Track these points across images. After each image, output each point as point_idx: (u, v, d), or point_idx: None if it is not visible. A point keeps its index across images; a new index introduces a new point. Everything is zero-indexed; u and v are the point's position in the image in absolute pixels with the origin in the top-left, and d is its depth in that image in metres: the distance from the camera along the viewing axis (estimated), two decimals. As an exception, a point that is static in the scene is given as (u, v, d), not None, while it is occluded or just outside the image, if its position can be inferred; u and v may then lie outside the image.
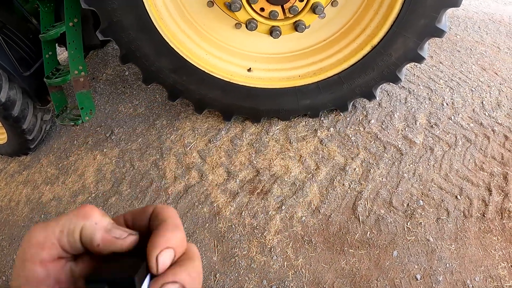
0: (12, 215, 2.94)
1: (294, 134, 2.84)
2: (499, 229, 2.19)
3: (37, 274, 0.42)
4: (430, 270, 2.08)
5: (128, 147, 3.07)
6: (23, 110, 2.96)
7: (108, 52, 4.22)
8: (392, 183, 2.43)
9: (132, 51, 2.42)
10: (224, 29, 2.51)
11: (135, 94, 3.56)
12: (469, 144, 2.60)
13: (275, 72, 2.59)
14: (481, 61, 3.23)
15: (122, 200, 2.71)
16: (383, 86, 2.94)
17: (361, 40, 2.43)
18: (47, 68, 2.87)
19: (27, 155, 3.39)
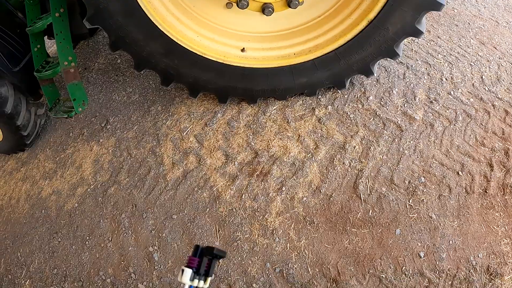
0: (13, 213, 2.93)
1: (292, 113, 2.79)
2: (501, 205, 2.16)
3: None
4: (433, 247, 2.07)
5: (124, 136, 3.03)
6: (16, 106, 2.91)
7: (98, 41, 4.15)
8: (393, 161, 2.40)
9: (121, 38, 2.37)
10: (215, 10, 2.44)
11: (128, 82, 3.51)
12: (469, 119, 2.56)
13: (270, 51, 2.53)
14: (479, 35, 3.16)
15: (121, 189, 2.69)
16: (381, 61, 2.89)
17: (357, 15, 2.36)
18: (37, 61, 2.82)
19: (23, 151, 3.36)
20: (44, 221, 2.76)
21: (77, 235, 2.59)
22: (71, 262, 2.47)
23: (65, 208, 2.77)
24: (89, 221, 2.62)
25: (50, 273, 2.48)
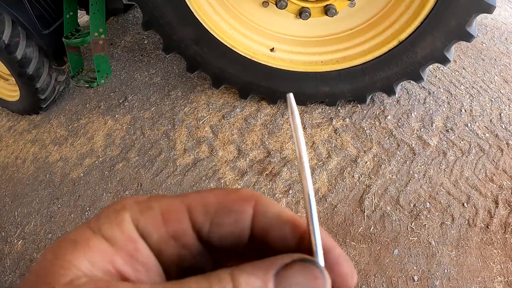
0: (17, 172, 2.95)
1: (309, 120, 2.81)
2: (500, 243, 2.17)
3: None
4: (428, 273, 2.07)
5: (141, 115, 3.05)
6: (38, 69, 2.94)
7: (128, 19, 4.19)
8: (402, 182, 2.41)
9: (155, 18, 2.39)
10: (251, 6, 2.47)
11: (152, 63, 3.54)
12: (482, 153, 2.56)
13: (298, 55, 2.56)
14: (504, 73, 3.18)
15: (129, 167, 2.71)
16: (404, 83, 2.91)
17: (388, 34, 2.39)
18: (67, 28, 2.85)
19: (38, 114, 3.38)
20: (47, 185, 2.79)
21: (78, 204, 2.61)
22: (67, 230, 2.49)
23: (70, 176, 2.79)
24: (92, 193, 2.64)
25: (44, 237, 2.49)
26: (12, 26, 2.73)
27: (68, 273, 0.26)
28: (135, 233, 0.30)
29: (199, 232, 0.32)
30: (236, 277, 0.27)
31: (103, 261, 0.28)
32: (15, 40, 2.74)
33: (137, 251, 0.30)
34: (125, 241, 0.29)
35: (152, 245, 0.31)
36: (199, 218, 0.32)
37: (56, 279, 0.26)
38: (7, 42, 2.70)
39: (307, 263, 0.29)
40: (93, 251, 0.28)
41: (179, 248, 0.32)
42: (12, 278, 2.33)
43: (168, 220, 0.31)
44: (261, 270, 0.28)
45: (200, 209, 0.32)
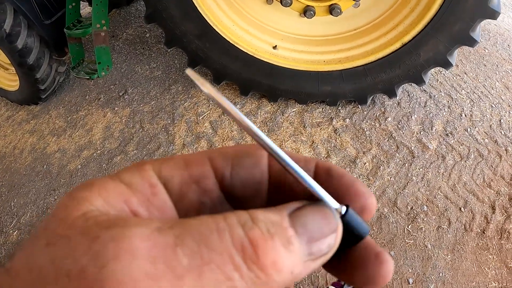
0: (14, 163, 2.94)
1: (309, 119, 2.81)
2: (496, 249, 2.17)
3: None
4: (423, 276, 2.08)
5: (140, 109, 3.04)
6: (38, 59, 2.92)
7: (131, 12, 4.17)
8: (400, 184, 2.41)
9: (158, 11, 2.39)
10: (255, 3, 2.46)
11: (154, 57, 3.52)
12: (480, 159, 2.57)
13: (301, 54, 2.55)
14: (505, 79, 3.18)
15: (127, 160, 2.70)
16: (406, 86, 2.91)
17: (392, 36, 2.39)
18: (69, 18, 2.83)
19: (37, 104, 3.36)
20: (44, 176, 2.77)
21: (75, 196, 2.59)
22: (64, 222, 2.48)
23: (68, 167, 2.78)
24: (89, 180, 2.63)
25: (40, 228, 2.48)
26: (13, 15, 2.71)
27: (82, 207, 0.26)
28: (155, 178, 0.31)
29: (222, 177, 0.33)
30: (253, 213, 0.27)
31: (118, 200, 0.28)
32: (16, 30, 2.73)
33: (154, 195, 0.30)
34: (143, 185, 0.30)
35: (174, 189, 0.32)
36: (219, 163, 0.33)
37: (69, 213, 0.26)
38: (8, 31, 2.68)
39: (318, 205, 0.30)
40: (108, 191, 0.28)
41: (200, 194, 0.33)
42: (6, 268, 2.32)
43: (190, 164, 0.32)
44: (276, 210, 0.29)
45: (220, 156, 0.33)
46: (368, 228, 0.32)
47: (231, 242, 0.25)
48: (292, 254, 0.27)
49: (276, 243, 0.26)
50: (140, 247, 0.23)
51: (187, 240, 0.24)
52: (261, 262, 0.25)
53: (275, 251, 0.26)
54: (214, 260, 0.24)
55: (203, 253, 0.24)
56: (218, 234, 0.25)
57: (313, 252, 0.28)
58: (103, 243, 0.23)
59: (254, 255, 0.25)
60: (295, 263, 0.27)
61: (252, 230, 0.26)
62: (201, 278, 0.24)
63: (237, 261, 0.25)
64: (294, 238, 0.27)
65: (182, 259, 0.24)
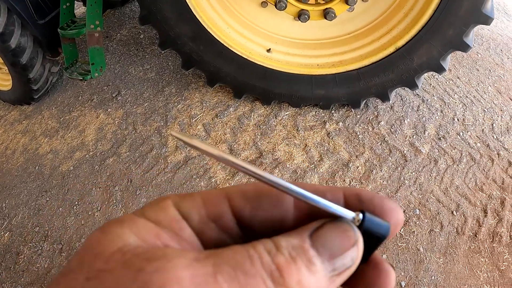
0: (6, 163, 2.91)
1: (303, 122, 2.81)
2: (488, 252, 2.19)
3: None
4: (416, 279, 2.08)
5: (133, 110, 3.03)
6: (32, 59, 2.91)
7: (125, 13, 4.15)
8: (392, 187, 2.42)
9: (153, 13, 2.38)
10: (249, 6, 2.46)
11: (147, 58, 3.51)
12: (473, 163, 2.58)
13: (294, 57, 2.55)
14: (497, 84, 3.20)
15: (120, 162, 2.68)
16: (398, 90, 2.92)
17: (386, 40, 2.40)
18: (63, 19, 2.81)
19: (29, 104, 3.34)
20: (36, 178, 2.75)
21: (67, 198, 2.58)
22: (55, 224, 2.46)
23: (60, 169, 2.76)
24: (81, 187, 2.61)
25: (32, 230, 2.46)
26: (7, 15, 2.69)
27: (116, 243, 0.27)
28: (178, 215, 0.32)
29: (240, 216, 0.35)
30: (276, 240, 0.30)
31: (149, 236, 0.29)
32: (9, 29, 2.71)
33: (181, 230, 0.32)
34: (169, 222, 0.31)
35: (193, 226, 0.33)
36: (238, 203, 0.34)
37: (104, 248, 0.27)
38: (1, 31, 2.66)
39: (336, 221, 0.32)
40: (139, 227, 0.29)
41: (219, 231, 0.34)
42: (-3, 270, 2.30)
43: (208, 203, 0.34)
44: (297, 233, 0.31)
45: (239, 195, 0.35)
46: (388, 225, 0.33)
47: (261, 267, 0.28)
48: (315, 273, 0.29)
49: (299, 265, 0.28)
50: (184, 276, 0.25)
51: (224, 268, 0.27)
52: (287, 283, 0.28)
53: (299, 273, 0.28)
54: (249, 284, 0.27)
55: (239, 278, 0.27)
56: (250, 261, 0.28)
57: (336, 267, 0.30)
58: (149, 274, 0.25)
59: (280, 278, 0.28)
60: (319, 280, 0.29)
61: (277, 256, 0.28)
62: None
63: (268, 284, 0.27)
64: (315, 258, 0.29)
65: (223, 284, 0.26)
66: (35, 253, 2.34)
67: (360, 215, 0.32)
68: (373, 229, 0.32)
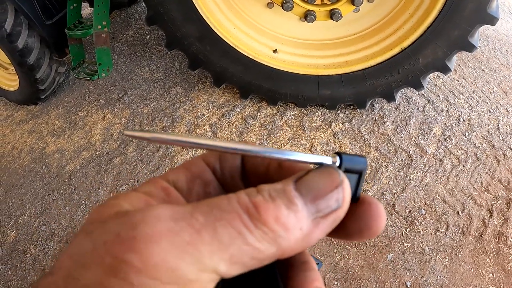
0: (13, 162, 2.93)
1: (309, 122, 2.82)
2: (493, 252, 2.19)
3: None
4: (421, 279, 2.09)
5: (140, 110, 3.04)
6: (39, 59, 2.93)
7: (131, 14, 4.17)
8: (398, 188, 2.42)
9: (160, 14, 2.39)
10: (256, 6, 2.48)
11: (154, 59, 3.53)
12: (478, 163, 2.58)
13: (300, 58, 2.56)
14: (503, 84, 3.20)
15: (127, 162, 2.70)
16: (404, 90, 2.92)
17: (391, 40, 2.40)
18: (70, 19, 2.84)
19: (36, 105, 3.36)
20: (42, 177, 2.77)
21: (73, 197, 2.59)
22: (61, 222, 2.48)
23: (67, 168, 2.78)
24: (88, 186, 2.63)
25: (38, 229, 2.48)
26: (15, 15, 2.71)
27: (113, 209, 0.31)
28: (165, 183, 0.36)
29: (214, 170, 0.39)
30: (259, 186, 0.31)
31: (141, 203, 0.32)
32: (17, 29, 2.73)
33: (168, 195, 0.35)
34: (157, 190, 0.35)
35: (182, 187, 0.37)
36: (210, 160, 0.40)
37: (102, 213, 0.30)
38: (9, 31, 2.68)
39: (319, 168, 0.33)
40: (131, 198, 0.32)
41: (204, 186, 0.38)
42: (4, 269, 2.31)
43: (189, 166, 0.39)
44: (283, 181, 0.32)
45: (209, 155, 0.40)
46: (364, 159, 0.34)
47: (237, 205, 0.29)
48: (296, 212, 0.30)
49: (278, 203, 0.29)
50: (163, 213, 0.28)
51: (202, 207, 0.29)
52: (263, 219, 0.29)
53: (276, 209, 0.29)
54: (225, 218, 0.28)
55: (215, 213, 0.29)
56: (227, 199, 0.30)
57: (320, 209, 0.31)
58: (132, 215, 0.28)
59: (256, 214, 0.29)
60: (301, 220, 0.30)
61: (256, 197, 0.30)
62: (216, 233, 0.28)
63: (244, 219, 0.28)
64: (297, 199, 0.30)
65: (198, 217, 0.28)
66: (41, 252, 2.35)
67: (337, 157, 0.33)
68: (353, 166, 0.33)
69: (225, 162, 0.40)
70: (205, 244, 0.27)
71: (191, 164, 0.39)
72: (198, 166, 0.39)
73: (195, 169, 0.38)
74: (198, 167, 0.39)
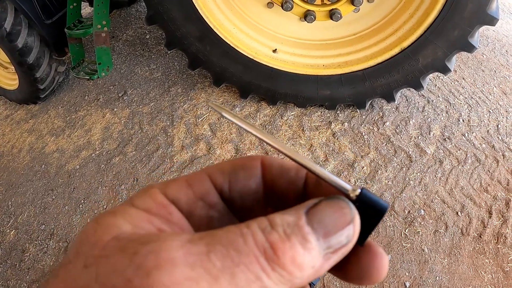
0: (13, 162, 2.93)
1: (308, 122, 2.82)
2: (492, 253, 2.19)
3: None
4: (420, 280, 2.09)
5: (139, 110, 3.04)
6: (38, 58, 2.93)
7: (131, 13, 4.17)
8: (397, 188, 2.42)
9: (160, 13, 2.39)
10: (255, 6, 2.48)
11: (153, 59, 3.53)
12: (478, 163, 2.58)
13: (300, 58, 2.56)
14: (503, 85, 3.20)
15: (126, 161, 2.70)
16: (404, 90, 2.92)
17: (391, 41, 2.40)
18: (70, 19, 2.84)
19: (36, 104, 3.37)
20: (42, 176, 2.77)
21: (73, 196, 2.59)
22: (61, 222, 2.48)
23: (66, 167, 2.78)
24: (87, 185, 2.63)
25: (37, 228, 2.48)
26: (14, 14, 2.71)
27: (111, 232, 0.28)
28: (165, 200, 0.34)
29: (221, 191, 0.37)
30: (271, 218, 0.30)
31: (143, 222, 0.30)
32: (16, 29, 2.73)
33: (171, 214, 0.33)
34: (158, 208, 0.33)
35: (182, 208, 0.34)
36: (218, 179, 0.36)
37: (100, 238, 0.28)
38: (8, 30, 2.68)
39: (333, 199, 0.32)
40: (132, 216, 0.30)
41: (207, 208, 0.36)
42: (3, 268, 2.32)
43: (192, 183, 0.35)
44: (293, 211, 0.31)
45: (218, 172, 0.37)
46: (386, 204, 0.33)
47: (254, 245, 0.28)
48: (310, 250, 0.29)
49: (293, 243, 0.28)
50: (178, 256, 0.26)
51: (217, 247, 0.27)
52: (281, 262, 0.28)
53: (293, 250, 0.28)
54: (242, 262, 0.27)
55: (232, 256, 0.27)
56: (243, 239, 0.28)
57: (331, 245, 0.30)
58: (144, 256, 0.26)
59: (274, 256, 0.28)
60: (315, 258, 0.29)
61: (271, 234, 0.28)
62: (234, 278, 0.26)
63: (261, 262, 0.27)
64: (310, 236, 0.29)
65: (216, 262, 0.26)
66: (40, 251, 2.36)
67: (358, 190, 0.32)
68: (370, 206, 0.32)
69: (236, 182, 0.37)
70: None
71: (195, 180, 0.36)
72: (203, 185, 0.36)
73: (198, 187, 0.36)
74: (203, 185, 0.36)
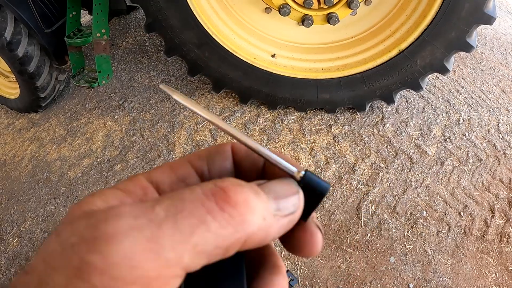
0: (15, 170, 2.94)
1: (308, 126, 2.83)
2: (496, 252, 2.18)
3: None
4: (424, 281, 2.08)
5: (140, 117, 3.06)
6: (39, 67, 2.94)
7: (130, 20, 4.20)
8: (399, 190, 2.42)
9: (158, 21, 2.41)
10: (254, 12, 2.49)
11: (153, 66, 3.54)
12: (479, 163, 2.58)
13: (299, 62, 2.57)
14: (502, 83, 3.20)
15: (128, 168, 2.71)
16: (403, 92, 2.93)
17: (389, 43, 2.41)
18: (69, 27, 2.85)
19: (37, 112, 3.38)
20: (44, 184, 2.78)
21: (75, 204, 2.60)
22: (64, 230, 2.48)
23: (68, 175, 2.79)
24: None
25: (40, 236, 2.49)
26: (14, 24, 2.73)
27: (83, 208, 0.31)
28: (146, 182, 0.35)
29: (202, 174, 0.39)
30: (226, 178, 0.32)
31: (114, 201, 0.32)
32: (17, 38, 2.75)
33: (146, 195, 0.35)
34: (136, 189, 0.34)
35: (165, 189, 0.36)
36: (197, 163, 0.39)
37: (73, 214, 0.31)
38: (9, 39, 2.70)
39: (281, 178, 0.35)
40: (106, 195, 0.32)
41: None
42: (7, 276, 2.32)
43: (175, 168, 0.38)
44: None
45: (197, 158, 0.40)
46: (328, 185, 0.36)
47: (201, 192, 0.29)
48: (261, 200, 0.31)
49: (246, 189, 0.31)
50: (125, 210, 0.28)
51: (163, 200, 0.29)
52: (233, 200, 0.29)
53: (245, 194, 0.30)
54: (186, 208, 0.28)
55: (176, 205, 0.28)
56: (189, 190, 0.30)
57: (280, 208, 0.33)
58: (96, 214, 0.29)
59: (225, 195, 0.29)
60: (266, 210, 0.31)
61: (222, 182, 0.31)
62: (177, 224, 0.28)
63: (208, 205, 0.29)
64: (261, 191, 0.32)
65: (159, 212, 0.28)
66: (45, 260, 2.36)
67: (302, 172, 0.36)
68: (313, 185, 0.35)
69: (213, 165, 0.40)
70: (166, 238, 0.27)
71: (177, 165, 0.39)
72: (184, 169, 0.38)
73: (180, 171, 0.38)
74: (184, 169, 0.38)
